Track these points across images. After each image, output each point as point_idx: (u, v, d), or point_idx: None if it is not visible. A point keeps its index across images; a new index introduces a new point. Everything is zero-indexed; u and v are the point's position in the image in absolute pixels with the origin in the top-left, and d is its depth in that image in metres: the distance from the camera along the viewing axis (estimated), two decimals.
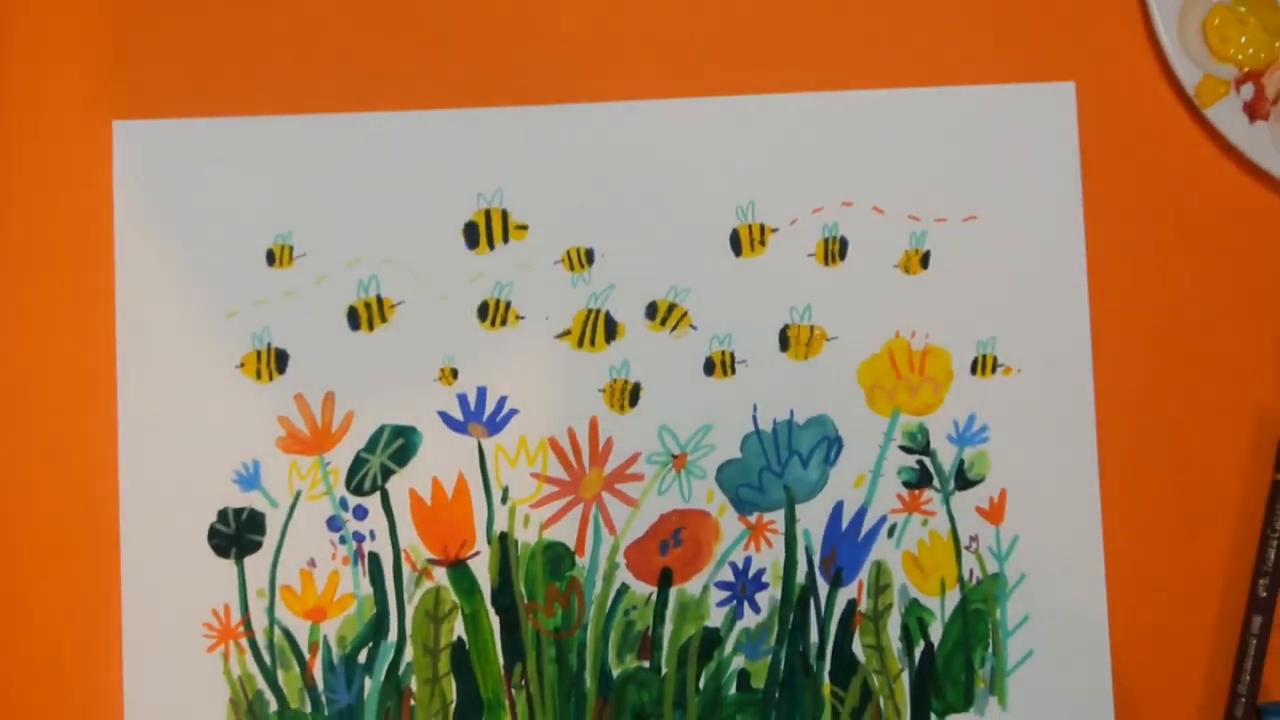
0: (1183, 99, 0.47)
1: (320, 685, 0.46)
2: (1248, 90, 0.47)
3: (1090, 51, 0.47)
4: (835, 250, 0.46)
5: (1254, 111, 0.46)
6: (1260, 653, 0.46)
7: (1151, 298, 0.47)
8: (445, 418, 0.46)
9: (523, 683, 0.46)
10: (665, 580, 0.46)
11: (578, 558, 0.46)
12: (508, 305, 0.46)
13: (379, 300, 0.46)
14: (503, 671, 0.46)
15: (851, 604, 0.46)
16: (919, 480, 0.46)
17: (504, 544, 0.46)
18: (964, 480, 0.46)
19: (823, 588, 0.46)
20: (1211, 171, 0.47)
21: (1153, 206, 0.47)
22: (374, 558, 0.46)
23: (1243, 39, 0.47)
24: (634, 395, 0.46)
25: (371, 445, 0.46)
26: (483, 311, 0.46)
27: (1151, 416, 0.47)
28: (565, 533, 0.46)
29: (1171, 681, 0.46)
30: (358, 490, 0.46)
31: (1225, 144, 0.47)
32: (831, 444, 0.46)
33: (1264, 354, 0.47)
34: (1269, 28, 0.47)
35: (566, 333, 0.46)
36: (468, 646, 0.46)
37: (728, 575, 0.46)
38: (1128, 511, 0.46)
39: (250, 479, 0.46)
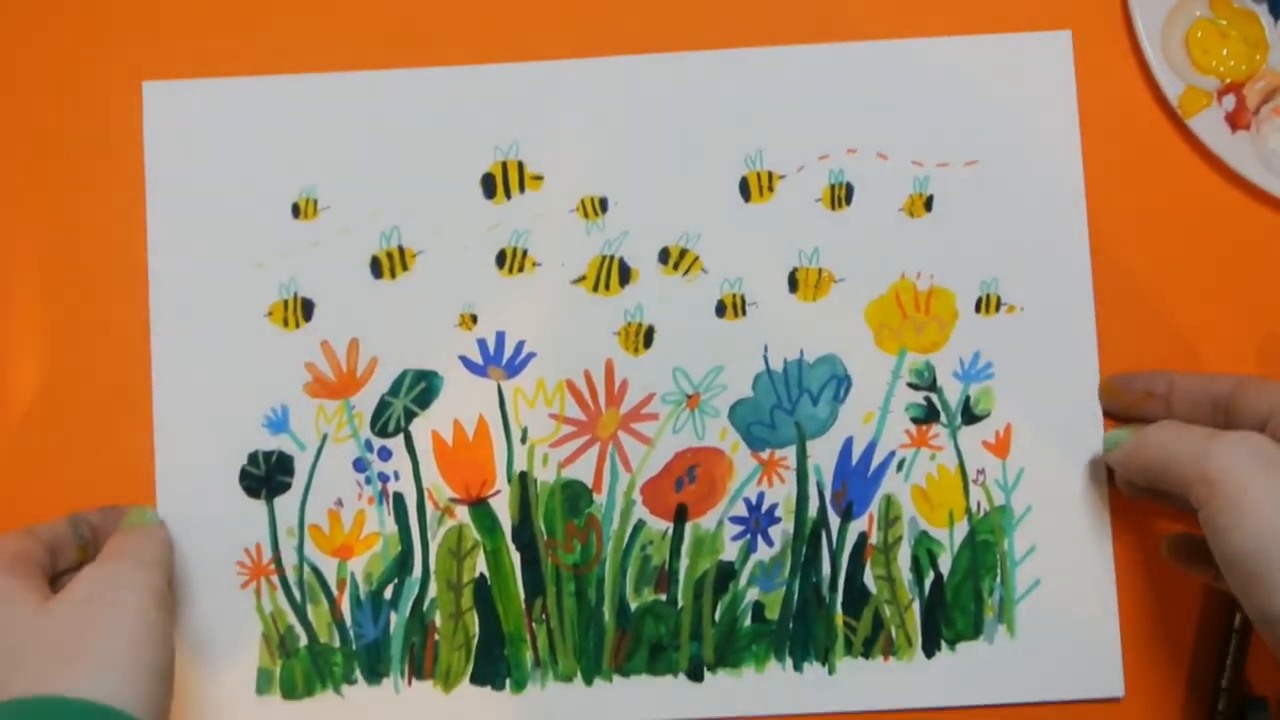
0: (1166, 109, 0.48)
1: (348, 620, 0.47)
2: (1229, 101, 0.48)
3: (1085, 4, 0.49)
4: (841, 195, 0.48)
5: (1235, 122, 0.48)
6: (1242, 649, 0.46)
7: (1137, 304, 0.48)
8: (466, 362, 0.48)
9: (543, 616, 0.47)
10: (681, 516, 0.47)
11: (595, 495, 0.47)
12: (525, 253, 0.48)
13: (400, 250, 0.48)
14: (524, 606, 0.47)
15: (862, 537, 0.47)
16: (926, 416, 0.48)
17: (524, 483, 0.47)
18: (970, 415, 0.48)
19: (834, 521, 0.47)
20: (1193, 180, 0.48)
21: (1137, 214, 0.48)
22: (398, 497, 0.47)
23: (1224, 51, 0.48)
24: (648, 337, 0.48)
25: (395, 389, 0.48)
26: (501, 259, 0.48)
27: (1153, 325, 0.48)
28: (583, 471, 0.47)
29: (1173, 614, 0.47)
30: (382, 433, 0.48)
31: (1207, 153, 0.48)
32: (841, 382, 0.48)
33: (1244, 358, 0.48)
34: (1250, 40, 0.48)
35: (582, 278, 0.48)
36: (489, 582, 0.47)
37: (741, 510, 0.47)
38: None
39: (279, 423, 0.47)
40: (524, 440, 0.47)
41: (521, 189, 0.48)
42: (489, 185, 0.48)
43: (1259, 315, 0.48)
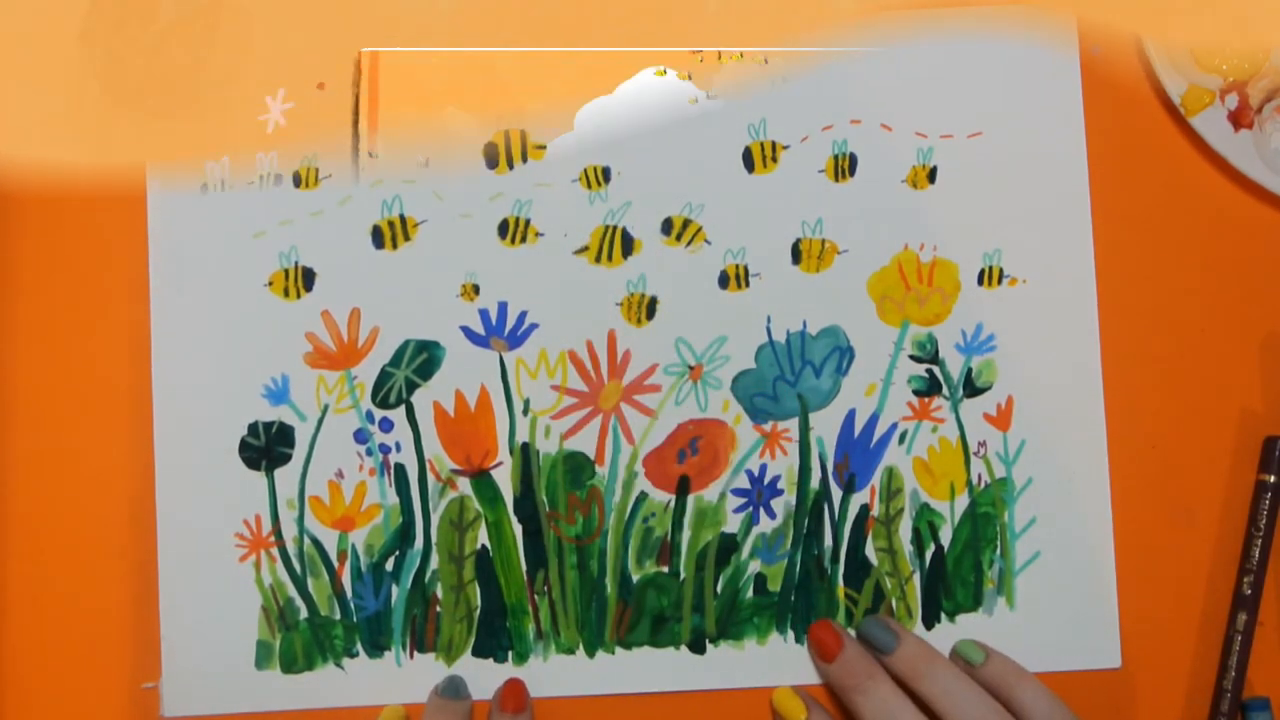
0: (1168, 108, 0.48)
1: (349, 592, 0.47)
2: (1232, 100, 0.48)
3: None
4: (845, 166, 0.48)
5: (1238, 121, 0.48)
6: (1245, 649, 0.47)
7: (1139, 303, 0.48)
8: (468, 332, 0.47)
9: (545, 589, 0.47)
10: (683, 488, 0.47)
11: (598, 467, 0.47)
12: (527, 223, 0.48)
13: (402, 219, 0.47)
14: (526, 578, 0.47)
15: (864, 509, 0.47)
16: (928, 388, 0.48)
17: (526, 454, 0.47)
18: (972, 388, 0.48)
19: (836, 493, 0.47)
20: (1196, 178, 0.48)
21: (1139, 213, 0.48)
22: (400, 469, 0.47)
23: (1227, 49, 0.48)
24: (651, 308, 0.47)
25: (396, 360, 0.47)
26: (503, 229, 0.47)
27: (1154, 324, 0.48)
28: (585, 443, 0.47)
29: (1172, 586, 0.48)
30: (383, 403, 0.47)
31: (1210, 152, 0.48)
32: (843, 354, 0.48)
33: (1247, 356, 0.48)
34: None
35: (585, 249, 0.48)
36: (491, 554, 0.47)
37: (744, 482, 0.47)
38: (1130, 413, 0.48)
39: (279, 393, 0.47)
40: (526, 411, 0.47)
41: (524, 158, 0.48)
42: (491, 154, 0.48)
43: (1260, 314, 0.48)
